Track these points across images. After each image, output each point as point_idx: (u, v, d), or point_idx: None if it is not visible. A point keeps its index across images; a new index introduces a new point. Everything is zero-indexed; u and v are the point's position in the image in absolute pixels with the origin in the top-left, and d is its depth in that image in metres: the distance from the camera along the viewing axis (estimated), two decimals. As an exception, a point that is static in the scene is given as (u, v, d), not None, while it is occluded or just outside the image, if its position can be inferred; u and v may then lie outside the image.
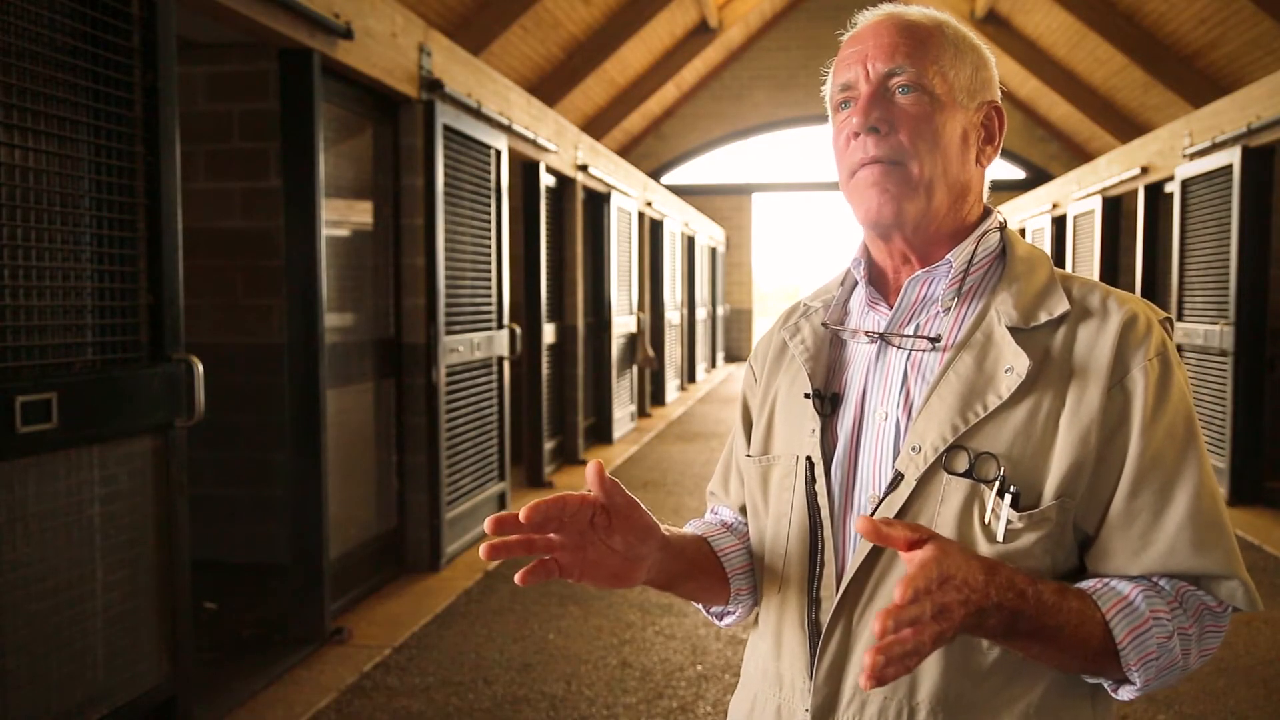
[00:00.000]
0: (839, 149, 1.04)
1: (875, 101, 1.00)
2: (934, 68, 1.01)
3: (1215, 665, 3.59)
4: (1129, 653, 0.90)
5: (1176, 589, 0.95)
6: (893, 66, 1.01)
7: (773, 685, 1.07)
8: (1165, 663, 0.92)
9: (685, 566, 1.09)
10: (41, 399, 2.29)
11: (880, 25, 1.04)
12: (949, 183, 1.02)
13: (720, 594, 1.15)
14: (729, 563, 1.14)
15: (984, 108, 1.06)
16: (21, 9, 2.28)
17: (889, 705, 0.97)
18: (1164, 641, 0.91)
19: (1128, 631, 0.91)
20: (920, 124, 1.00)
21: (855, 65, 1.03)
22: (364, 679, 3.47)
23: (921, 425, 0.98)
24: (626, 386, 9.77)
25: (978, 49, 1.06)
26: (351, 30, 3.85)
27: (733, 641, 3.84)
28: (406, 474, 4.75)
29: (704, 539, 1.15)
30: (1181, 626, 0.93)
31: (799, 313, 1.16)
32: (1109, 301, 1.00)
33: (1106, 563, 0.96)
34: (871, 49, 1.02)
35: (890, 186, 1.00)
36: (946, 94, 1.01)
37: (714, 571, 1.13)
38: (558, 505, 0.94)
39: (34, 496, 2.35)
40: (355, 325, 4.47)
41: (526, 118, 6.20)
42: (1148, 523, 0.94)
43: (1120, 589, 0.93)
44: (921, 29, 1.03)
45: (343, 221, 4.39)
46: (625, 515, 0.98)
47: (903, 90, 1.00)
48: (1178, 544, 0.93)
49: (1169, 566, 0.94)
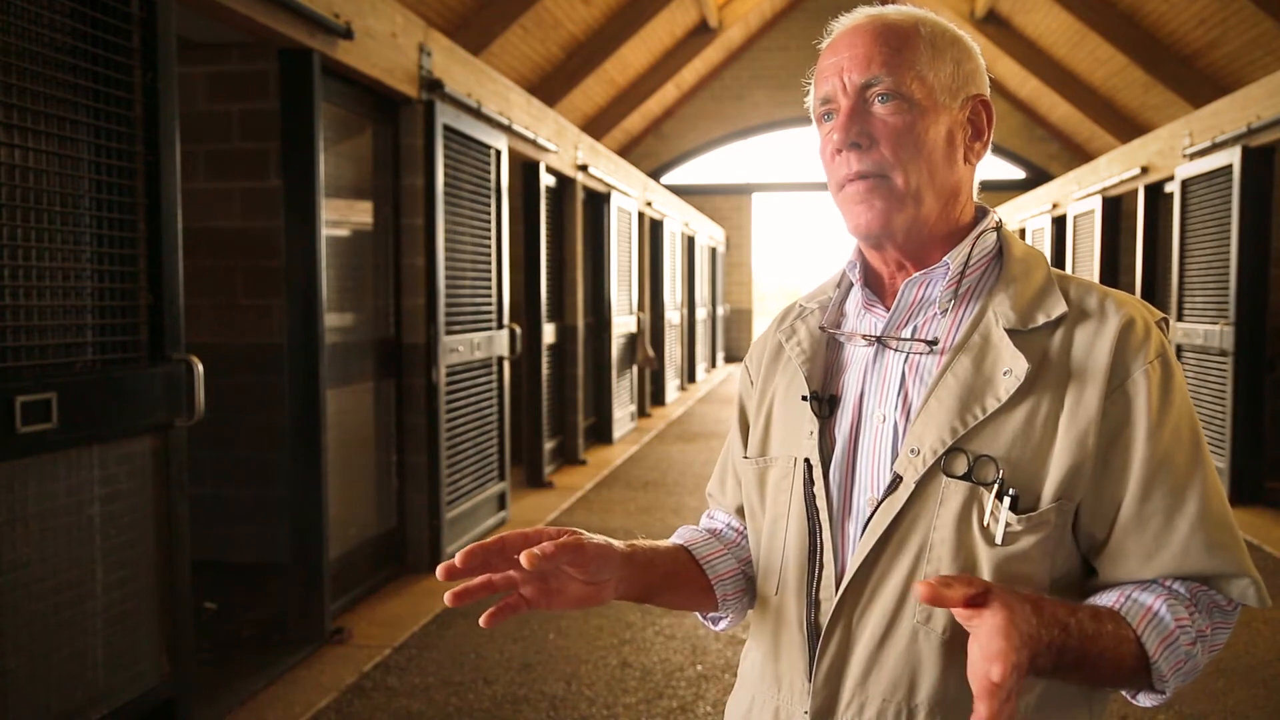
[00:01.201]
0: (825, 161, 1.04)
1: (854, 116, 1.00)
2: (911, 73, 1.00)
3: (1215, 665, 3.59)
4: (1161, 665, 0.91)
5: (1191, 590, 0.95)
6: (868, 77, 0.99)
7: (771, 686, 1.07)
8: (1190, 668, 0.93)
9: (658, 579, 1.08)
10: (41, 399, 2.30)
11: (855, 34, 1.02)
12: (936, 188, 1.01)
13: (704, 601, 1.14)
14: (712, 570, 1.14)
15: (969, 103, 1.04)
16: (21, 9, 2.28)
17: (888, 708, 0.97)
18: (1189, 648, 0.92)
19: (1159, 644, 0.91)
20: (901, 134, 0.99)
21: (833, 77, 1.02)
22: (364, 679, 3.47)
23: (920, 428, 0.98)
24: (626, 386, 9.77)
25: (959, 43, 1.04)
26: (351, 30, 3.85)
27: (733, 641, 3.84)
28: (406, 474, 4.75)
29: (683, 548, 1.15)
30: (1200, 629, 0.94)
31: (795, 314, 1.16)
32: (1107, 303, 1.00)
33: (1119, 566, 0.96)
34: (847, 61, 1.01)
35: (877, 201, 1.00)
36: (926, 97, 1.00)
37: (694, 580, 1.13)
38: (496, 547, 0.93)
39: (34, 496, 2.35)
40: (355, 325, 4.47)
41: (526, 118, 6.20)
42: (1160, 526, 0.94)
43: (1144, 600, 0.94)
44: (897, 32, 1.01)
45: (343, 221, 4.39)
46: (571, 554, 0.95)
47: (881, 100, 0.99)
48: (1191, 546, 0.94)
49: (1183, 568, 0.94)
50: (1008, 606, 0.82)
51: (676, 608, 1.15)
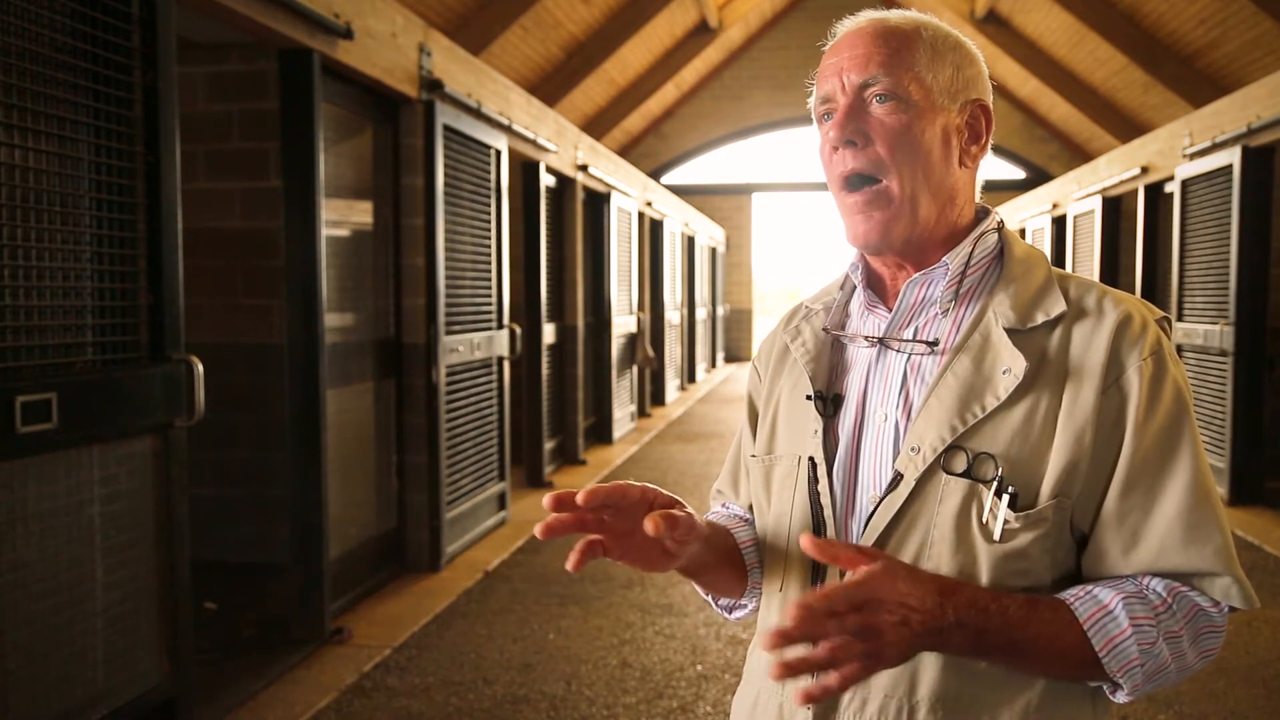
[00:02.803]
0: (824, 160, 1.06)
1: (851, 115, 1.01)
2: (909, 74, 1.01)
3: (1215, 665, 3.59)
4: (1109, 661, 0.92)
5: (1169, 590, 0.95)
6: (867, 77, 1.01)
7: (775, 683, 1.07)
8: (1153, 668, 0.93)
9: (714, 558, 1.11)
10: (41, 399, 2.30)
11: (856, 35, 1.04)
12: (933, 191, 1.02)
13: (737, 586, 1.16)
14: (748, 556, 1.16)
15: (968, 107, 1.05)
16: (22, 9, 2.28)
17: (889, 703, 0.98)
18: (1148, 648, 0.92)
19: (1105, 641, 0.92)
20: (897, 135, 1.00)
21: (832, 77, 1.04)
22: (364, 679, 3.47)
23: (920, 426, 0.99)
24: (626, 386, 9.77)
25: (961, 47, 1.05)
26: (351, 30, 3.86)
27: (733, 641, 3.84)
28: (406, 474, 4.75)
29: (729, 531, 1.17)
30: (1170, 630, 0.93)
31: (800, 315, 1.18)
32: (1105, 301, 1.00)
33: (1100, 562, 0.97)
34: (847, 60, 1.03)
35: (875, 213, 1.01)
36: (924, 99, 1.01)
37: (736, 564, 1.15)
38: (618, 493, 0.95)
39: (34, 496, 2.35)
40: (355, 325, 4.47)
41: (526, 118, 6.20)
42: (1138, 521, 0.95)
43: (1101, 597, 0.94)
44: (897, 34, 1.03)
45: (343, 221, 4.39)
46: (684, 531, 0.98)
47: (879, 100, 1.01)
48: (1168, 542, 0.94)
49: (1159, 565, 0.95)
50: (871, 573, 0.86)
51: (711, 588, 1.17)
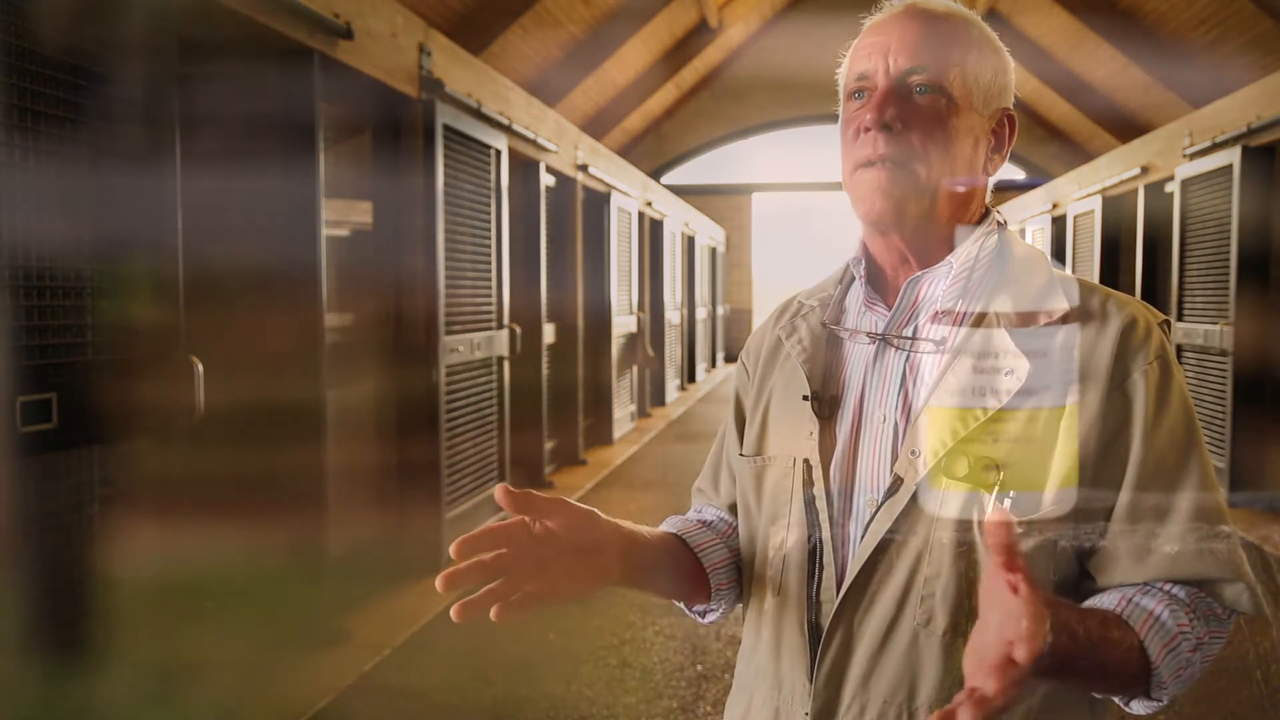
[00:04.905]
0: (847, 139, 1.01)
1: (891, 98, 0.97)
2: (956, 69, 0.98)
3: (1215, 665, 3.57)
4: (1163, 671, 0.89)
5: (1189, 596, 0.93)
6: (914, 64, 0.97)
7: (771, 687, 1.06)
8: (1189, 675, 0.91)
9: (655, 558, 1.07)
10: (41, 399, 2.29)
11: (907, 17, 1.00)
12: (954, 188, 1.00)
13: (697, 591, 1.13)
14: (707, 558, 1.12)
15: (997, 114, 1.03)
16: (21, 9, 2.27)
17: (889, 710, 0.96)
18: (1190, 654, 0.91)
19: (1161, 649, 0.89)
20: (934, 126, 0.97)
21: (875, 56, 0.99)
22: (364, 679, 3.47)
23: (920, 429, 0.97)
24: (626, 386, 9.76)
25: (1000, 53, 1.03)
26: (351, 30, 3.85)
27: (733, 642, 3.84)
28: (406, 474, 4.74)
29: (677, 536, 1.14)
30: (1199, 636, 0.92)
31: (794, 310, 1.14)
32: (1108, 304, 0.99)
33: (1111, 569, 0.95)
34: (895, 42, 0.99)
35: (894, 190, 0.98)
36: (964, 97, 0.99)
37: (689, 567, 1.12)
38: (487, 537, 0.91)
39: (34, 496, 2.34)
40: (355, 325, 4.47)
41: (526, 118, 6.20)
42: (1151, 528, 0.93)
43: (1146, 605, 0.91)
44: (948, 26, 1.00)
45: (343, 221, 4.39)
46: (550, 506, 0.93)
47: (920, 90, 0.98)
48: (1183, 549, 0.92)
49: (1174, 572, 0.93)
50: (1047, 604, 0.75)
51: (670, 596, 1.13)
